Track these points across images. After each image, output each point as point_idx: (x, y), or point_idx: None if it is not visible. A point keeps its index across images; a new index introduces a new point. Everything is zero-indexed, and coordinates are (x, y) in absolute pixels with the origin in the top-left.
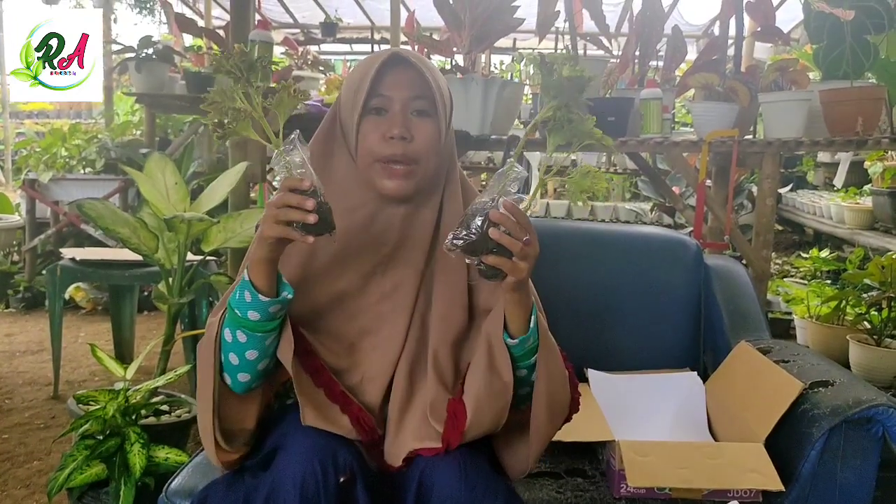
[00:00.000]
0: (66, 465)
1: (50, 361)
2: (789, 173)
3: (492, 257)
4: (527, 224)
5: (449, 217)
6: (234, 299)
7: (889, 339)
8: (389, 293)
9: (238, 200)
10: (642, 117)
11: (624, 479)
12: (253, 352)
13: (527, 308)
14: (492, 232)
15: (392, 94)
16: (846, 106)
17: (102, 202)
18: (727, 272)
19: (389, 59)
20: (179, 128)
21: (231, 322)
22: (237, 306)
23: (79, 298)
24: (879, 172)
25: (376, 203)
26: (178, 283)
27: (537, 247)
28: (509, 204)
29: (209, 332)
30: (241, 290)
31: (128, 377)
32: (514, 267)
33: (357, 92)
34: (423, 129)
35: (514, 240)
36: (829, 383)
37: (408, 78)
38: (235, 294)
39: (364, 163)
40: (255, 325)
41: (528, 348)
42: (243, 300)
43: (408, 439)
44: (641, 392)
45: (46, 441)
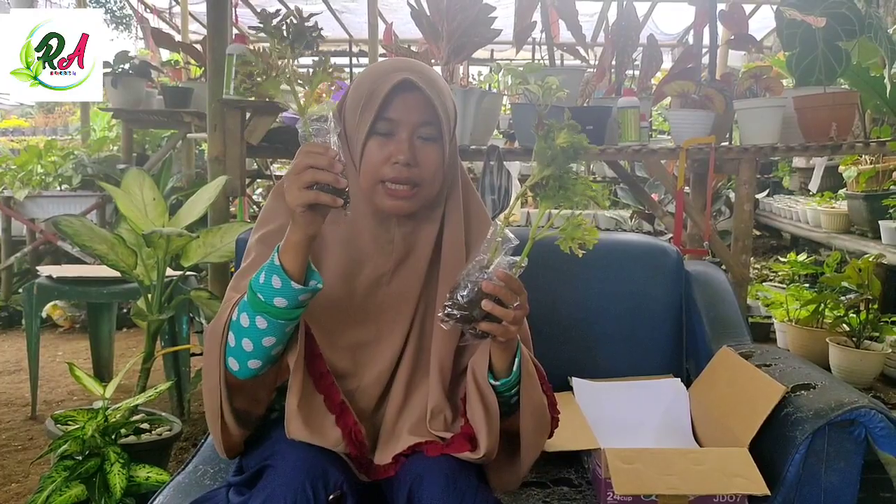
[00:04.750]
0: (44, 486)
1: (27, 381)
2: (766, 179)
3: (484, 324)
4: (518, 289)
5: (451, 229)
6: (258, 283)
7: (868, 340)
8: (392, 303)
9: (218, 215)
10: (620, 126)
11: (610, 488)
12: (271, 338)
13: (511, 352)
14: (484, 304)
15: (400, 118)
16: (820, 112)
17: (79, 218)
18: (707, 278)
19: (400, 84)
20: (157, 143)
21: (252, 307)
22: (261, 291)
23: (56, 316)
24: (854, 176)
25: (380, 215)
26: (158, 300)
27: (527, 306)
28: (502, 274)
29: (218, 321)
30: (269, 274)
31: (107, 396)
32: (505, 331)
33: (364, 111)
34: (427, 154)
35: (506, 310)
36: (811, 386)
37: (416, 103)
38: (259, 277)
39: (367, 181)
40: (279, 312)
41: (510, 384)
42: (269, 285)
43: (402, 436)
44: (625, 399)
45: (24, 463)
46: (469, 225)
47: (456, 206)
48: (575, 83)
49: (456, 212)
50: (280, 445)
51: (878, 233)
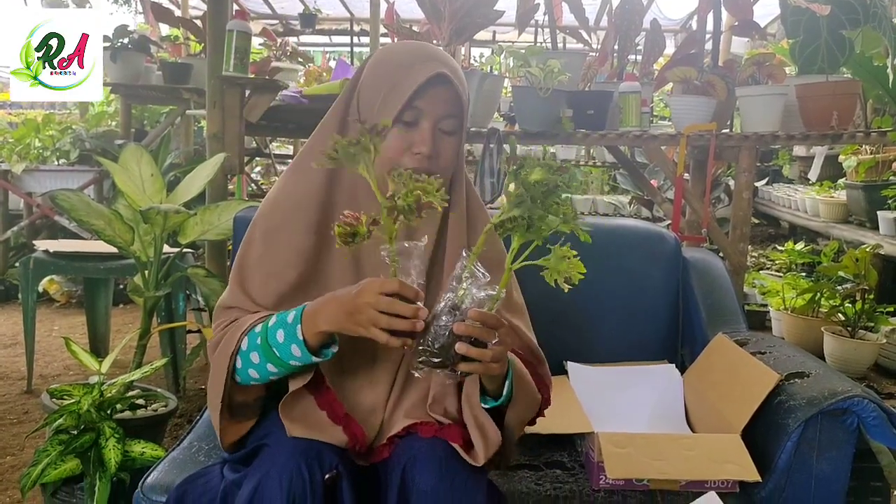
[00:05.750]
0: (39, 460)
1: (23, 355)
2: (765, 167)
3: (463, 365)
4: (496, 324)
5: (455, 216)
6: (276, 342)
7: (863, 330)
8: None
9: (215, 192)
10: (621, 111)
11: (603, 471)
12: (277, 376)
13: (502, 376)
14: (458, 348)
15: (426, 109)
16: (822, 100)
17: (76, 193)
18: (705, 265)
19: (434, 78)
20: (156, 119)
21: (264, 354)
22: (278, 349)
23: (53, 291)
24: (853, 166)
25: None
26: (155, 276)
27: (508, 340)
28: (476, 313)
29: (227, 345)
30: (289, 341)
31: (103, 371)
32: (487, 369)
33: (390, 97)
34: (447, 146)
35: (483, 351)
36: (805, 375)
37: (445, 97)
38: (277, 336)
39: (383, 167)
40: (291, 368)
41: (504, 401)
42: (288, 350)
43: (399, 420)
44: (620, 384)
45: (19, 436)
46: (470, 211)
47: (460, 193)
48: (577, 67)
49: (459, 199)
50: (276, 426)
51: (876, 223)
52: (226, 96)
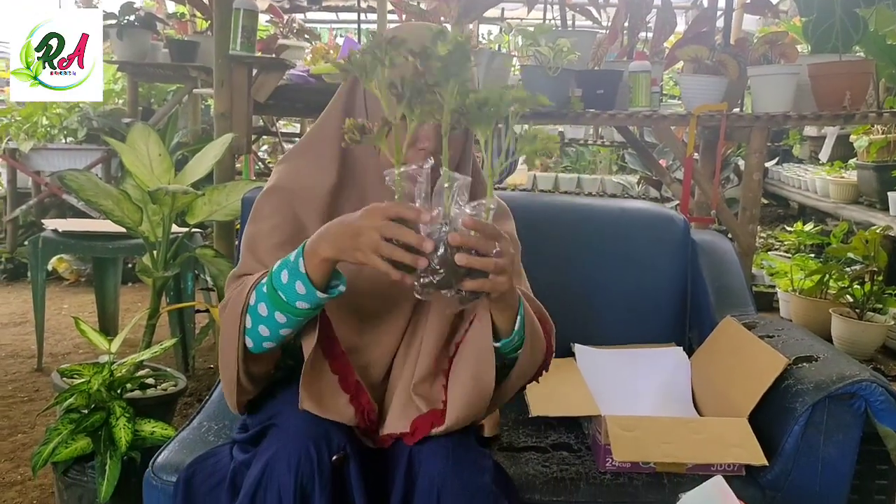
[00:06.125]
0: (50, 438)
1: (33, 333)
2: (775, 147)
3: (468, 282)
4: (494, 234)
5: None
6: (281, 283)
7: (871, 312)
8: None
9: (223, 172)
10: (631, 90)
11: (609, 454)
12: (288, 330)
13: (513, 309)
14: (458, 258)
15: None
16: (834, 80)
17: (84, 173)
18: (714, 247)
19: None
20: (163, 97)
21: (271, 302)
22: (283, 291)
23: (62, 270)
24: (865, 146)
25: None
26: (163, 257)
27: (511, 250)
28: (469, 220)
29: (235, 303)
30: (293, 278)
31: (112, 351)
32: (493, 284)
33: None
34: (453, 140)
35: (485, 259)
36: (814, 358)
37: None
38: (281, 276)
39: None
40: (300, 312)
41: (514, 345)
42: (293, 289)
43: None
44: (627, 366)
45: (31, 414)
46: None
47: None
48: (586, 46)
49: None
50: (285, 406)
51: (886, 204)
52: (233, 75)
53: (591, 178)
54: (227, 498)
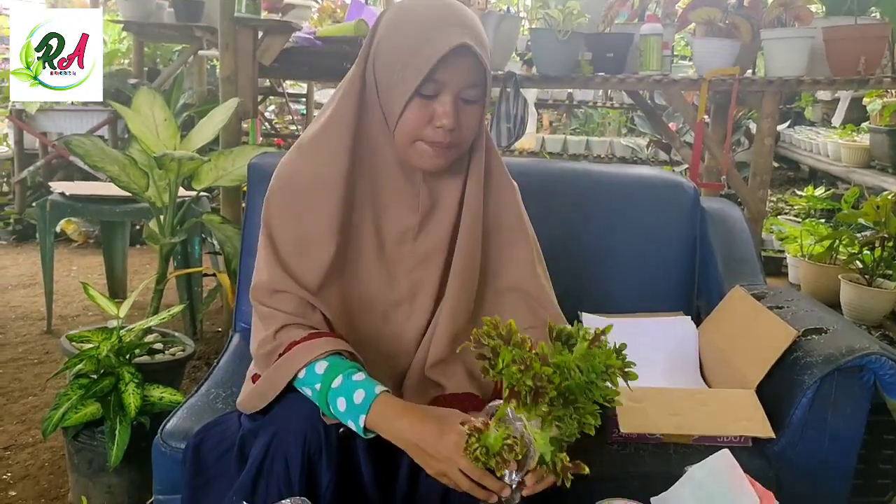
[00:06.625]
0: (60, 403)
1: (42, 295)
2: (787, 109)
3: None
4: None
5: (473, 181)
6: (336, 406)
7: (881, 278)
8: (423, 260)
9: (229, 137)
10: (642, 53)
11: (616, 425)
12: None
13: None
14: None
15: (447, 80)
16: (849, 44)
17: (90, 138)
18: (723, 215)
19: (455, 49)
20: (168, 57)
21: (319, 401)
22: (334, 409)
23: (70, 231)
24: (878, 110)
25: (406, 168)
26: (170, 222)
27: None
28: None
29: (284, 369)
30: (349, 416)
31: (121, 316)
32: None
33: (407, 68)
34: (469, 116)
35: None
36: (823, 331)
37: (467, 67)
38: (337, 402)
39: (403, 140)
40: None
41: None
42: (343, 417)
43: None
44: (635, 335)
45: (41, 376)
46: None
47: (479, 158)
48: (597, 8)
49: (478, 164)
50: None
51: None
52: (238, 38)
53: (599, 141)
54: (235, 465)
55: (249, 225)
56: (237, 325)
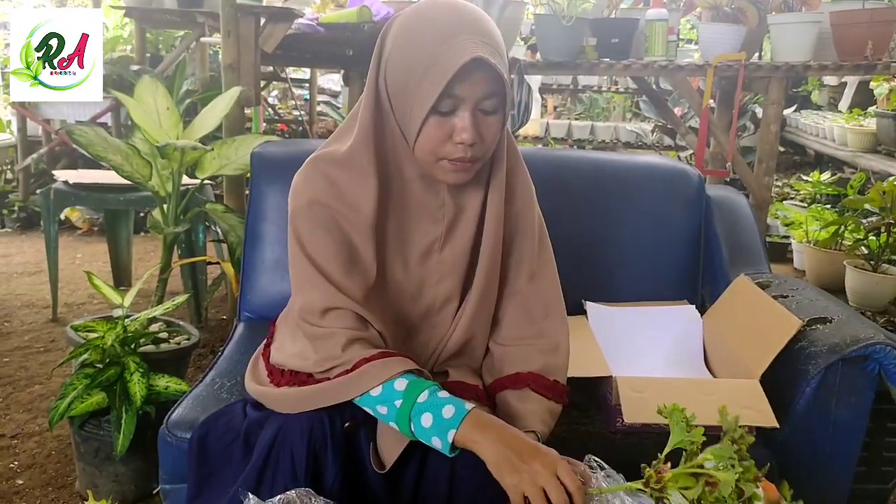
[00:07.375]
0: (66, 393)
1: (47, 283)
2: (794, 93)
3: None
4: None
5: (495, 190)
6: (419, 423)
7: (886, 264)
8: (449, 272)
9: (232, 125)
10: (647, 39)
11: (620, 414)
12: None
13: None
14: None
15: (463, 95)
16: (857, 29)
17: (93, 127)
18: (729, 204)
19: (470, 64)
20: (171, 43)
21: (398, 420)
22: (416, 427)
23: (74, 219)
24: (885, 94)
25: (428, 179)
26: (174, 211)
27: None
28: None
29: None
30: (435, 432)
31: (126, 305)
32: None
33: (424, 83)
34: (489, 127)
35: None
36: (828, 320)
37: (482, 79)
38: (421, 419)
39: (425, 158)
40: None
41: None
42: (427, 436)
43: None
44: (639, 324)
45: (47, 365)
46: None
47: (501, 165)
48: None
49: (499, 171)
50: None
51: None
52: (240, 25)
53: (604, 126)
54: (240, 455)
55: (253, 214)
56: (241, 314)
